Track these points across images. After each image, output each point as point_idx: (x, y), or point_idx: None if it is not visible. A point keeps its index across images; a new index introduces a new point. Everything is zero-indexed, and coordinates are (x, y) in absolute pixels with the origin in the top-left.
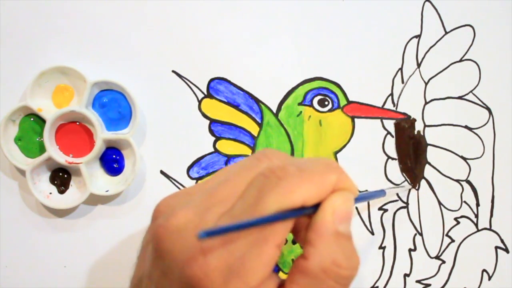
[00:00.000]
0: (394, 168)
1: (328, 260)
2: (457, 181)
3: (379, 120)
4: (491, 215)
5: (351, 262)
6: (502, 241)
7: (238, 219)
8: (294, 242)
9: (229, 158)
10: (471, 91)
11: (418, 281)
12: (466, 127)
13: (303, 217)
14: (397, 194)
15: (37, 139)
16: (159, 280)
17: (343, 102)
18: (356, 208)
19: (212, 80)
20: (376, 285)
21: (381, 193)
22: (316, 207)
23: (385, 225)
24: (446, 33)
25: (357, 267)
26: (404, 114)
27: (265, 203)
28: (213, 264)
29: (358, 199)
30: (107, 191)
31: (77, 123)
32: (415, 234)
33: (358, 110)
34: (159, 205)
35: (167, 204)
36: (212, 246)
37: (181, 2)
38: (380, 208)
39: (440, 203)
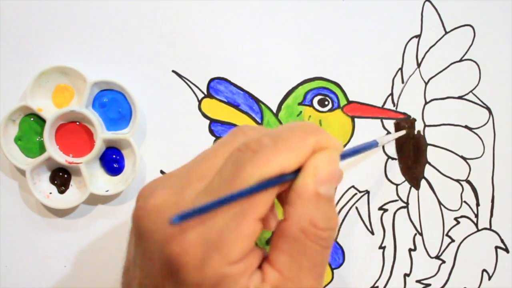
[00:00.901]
0: (394, 168)
1: (306, 220)
2: (457, 181)
3: (379, 120)
4: (491, 215)
5: (329, 223)
6: (502, 241)
7: (215, 195)
8: None
9: None
10: (471, 91)
11: (418, 281)
12: (466, 127)
13: (285, 184)
14: (397, 194)
15: (37, 139)
16: (142, 263)
17: (343, 102)
18: (356, 208)
19: (212, 80)
20: (376, 285)
21: (372, 144)
22: (297, 172)
23: (385, 225)
24: (446, 33)
25: (334, 228)
26: (404, 114)
27: (242, 177)
28: (192, 240)
29: (346, 154)
30: (107, 191)
31: (77, 123)
32: (415, 234)
33: (358, 110)
34: (141, 189)
35: (148, 187)
36: (191, 223)
37: (181, 2)
38: (380, 208)
39: (440, 203)
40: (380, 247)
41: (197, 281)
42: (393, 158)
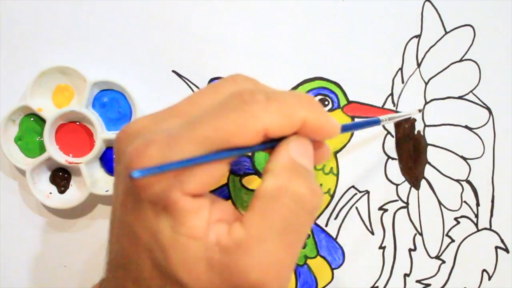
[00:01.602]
0: (394, 168)
1: (284, 178)
2: (457, 181)
3: None
4: (491, 215)
5: (310, 185)
6: (502, 241)
7: (191, 124)
8: None
9: None
10: (471, 91)
11: (418, 281)
12: (466, 127)
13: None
14: (397, 194)
15: (37, 139)
16: (115, 182)
17: (343, 102)
18: (356, 208)
19: (212, 80)
20: (376, 285)
21: (375, 120)
22: (274, 144)
23: (385, 225)
24: (446, 33)
25: (319, 194)
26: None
27: (225, 119)
28: (152, 157)
29: (348, 127)
30: (107, 191)
31: (77, 123)
32: (415, 234)
33: (358, 110)
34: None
35: (135, 118)
36: (155, 139)
37: (181, 2)
38: (380, 208)
39: (440, 203)
40: (380, 247)
41: (151, 200)
42: (393, 158)
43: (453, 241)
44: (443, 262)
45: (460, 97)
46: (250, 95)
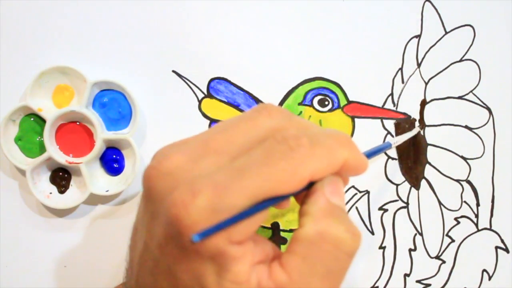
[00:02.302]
0: (394, 168)
1: (324, 223)
2: (457, 181)
3: (379, 120)
4: (491, 215)
5: (349, 228)
6: (502, 241)
7: (241, 174)
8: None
9: None
10: (471, 91)
11: (418, 281)
12: (466, 127)
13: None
14: (397, 194)
15: (37, 139)
16: (148, 223)
17: (343, 102)
18: (356, 208)
19: (212, 80)
20: (376, 285)
21: (387, 145)
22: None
23: (385, 225)
24: (446, 33)
25: (358, 236)
26: (404, 114)
27: (272, 168)
28: (199, 209)
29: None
30: (107, 191)
31: (77, 123)
32: (415, 234)
33: (358, 110)
34: (157, 152)
35: (163, 149)
36: (202, 188)
37: (181, 2)
38: (380, 208)
39: (440, 203)
40: (380, 247)
41: (196, 250)
42: (393, 158)
43: (453, 241)
44: (443, 262)
45: (460, 97)
46: (295, 140)
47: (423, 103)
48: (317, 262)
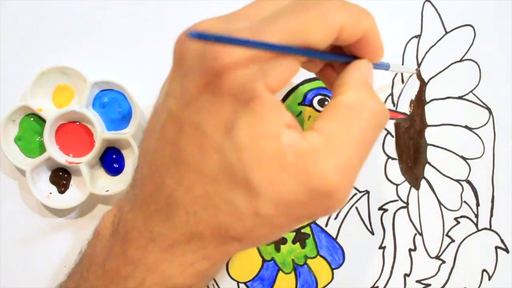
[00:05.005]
0: (394, 168)
1: (364, 93)
2: (457, 181)
3: None
4: (491, 215)
5: (383, 104)
6: (502, 241)
7: (274, 19)
8: (294, 242)
9: None
10: (471, 91)
11: (418, 281)
12: (466, 127)
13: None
14: (397, 194)
15: (37, 139)
16: (180, 82)
17: None
18: (356, 208)
19: None
20: (376, 285)
21: (385, 64)
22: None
23: (385, 225)
24: (446, 33)
25: (388, 114)
26: (404, 114)
27: (305, 13)
28: (235, 56)
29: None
30: (107, 191)
31: (77, 123)
32: (415, 234)
33: None
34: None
35: (200, 20)
36: (241, 32)
37: (181, 2)
38: (380, 208)
39: (440, 203)
40: (380, 247)
41: (233, 92)
42: (393, 158)
43: (453, 241)
44: (443, 262)
45: (460, 97)
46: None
47: (422, 82)
48: (354, 127)
